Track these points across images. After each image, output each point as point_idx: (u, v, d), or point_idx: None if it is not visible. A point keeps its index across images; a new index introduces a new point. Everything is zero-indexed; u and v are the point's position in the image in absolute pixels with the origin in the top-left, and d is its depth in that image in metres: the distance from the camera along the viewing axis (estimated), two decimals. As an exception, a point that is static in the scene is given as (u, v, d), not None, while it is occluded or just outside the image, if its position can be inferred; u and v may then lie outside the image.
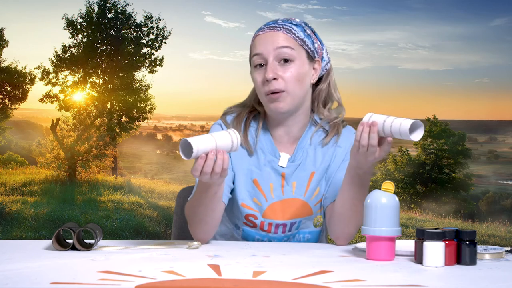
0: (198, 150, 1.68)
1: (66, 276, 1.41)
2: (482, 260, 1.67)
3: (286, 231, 2.01)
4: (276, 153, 2.00)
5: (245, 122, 2.03)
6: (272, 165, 2.00)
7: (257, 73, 1.95)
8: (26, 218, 11.80)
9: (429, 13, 27.19)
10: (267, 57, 1.92)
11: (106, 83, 17.49)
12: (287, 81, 1.91)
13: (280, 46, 1.92)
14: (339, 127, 2.03)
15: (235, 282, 1.38)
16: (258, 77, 1.94)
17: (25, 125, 21.11)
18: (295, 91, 1.93)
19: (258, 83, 1.94)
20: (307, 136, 2.02)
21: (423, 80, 31.11)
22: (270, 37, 1.94)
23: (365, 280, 1.42)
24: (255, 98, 2.04)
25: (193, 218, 1.90)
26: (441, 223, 13.90)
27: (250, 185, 1.99)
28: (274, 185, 1.99)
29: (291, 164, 2.00)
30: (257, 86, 1.95)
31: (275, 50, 1.92)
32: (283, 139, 2.02)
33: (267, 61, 1.92)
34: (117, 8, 17.49)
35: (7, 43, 17.01)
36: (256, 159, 2.00)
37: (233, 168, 2.00)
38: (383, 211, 1.65)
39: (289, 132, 2.01)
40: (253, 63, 1.96)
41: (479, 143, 24.53)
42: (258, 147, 2.01)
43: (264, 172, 1.99)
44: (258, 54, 1.94)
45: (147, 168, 22.13)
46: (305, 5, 27.39)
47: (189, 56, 30.05)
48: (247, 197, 1.99)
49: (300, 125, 2.01)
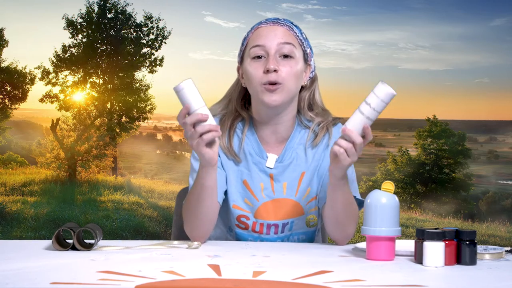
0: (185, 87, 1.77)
1: (66, 276, 1.41)
2: (482, 260, 1.67)
3: (279, 232, 2.01)
4: (263, 154, 2.00)
5: (229, 130, 2.02)
6: (259, 167, 2.00)
7: (255, 64, 1.93)
8: (26, 218, 11.80)
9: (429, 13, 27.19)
10: (269, 49, 1.92)
11: (106, 83, 17.49)
12: (285, 75, 1.92)
13: (283, 42, 1.93)
14: (329, 127, 2.03)
15: (235, 282, 1.38)
16: (256, 67, 1.93)
17: (25, 125, 21.10)
18: (291, 86, 1.93)
19: (256, 74, 1.92)
20: (295, 137, 2.02)
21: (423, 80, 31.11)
22: (273, 31, 1.95)
23: (365, 280, 1.42)
24: (238, 102, 2.03)
25: (186, 213, 1.92)
26: (441, 223, 13.90)
27: (241, 186, 2.00)
28: (265, 184, 1.99)
29: (279, 164, 2.00)
30: (252, 77, 1.93)
31: (278, 45, 1.93)
32: (270, 140, 2.01)
33: (269, 53, 1.92)
34: (117, 8, 17.49)
35: (7, 43, 17.01)
36: (244, 161, 2.00)
37: (224, 169, 2.01)
38: (383, 211, 1.65)
39: (276, 132, 2.00)
40: (251, 55, 1.94)
41: (479, 143, 24.52)
42: (246, 149, 2.01)
43: (253, 173, 1.99)
44: (260, 46, 1.93)
45: (147, 168, 22.13)
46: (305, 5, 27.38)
47: (189, 56, 30.03)
48: (238, 198, 2.00)
49: (287, 125, 2.01)
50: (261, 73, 1.92)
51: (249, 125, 2.02)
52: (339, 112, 2.10)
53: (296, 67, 1.94)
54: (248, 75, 1.95)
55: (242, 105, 2.05)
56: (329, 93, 23.18)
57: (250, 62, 1.95)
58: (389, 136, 28.75)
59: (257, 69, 1.93)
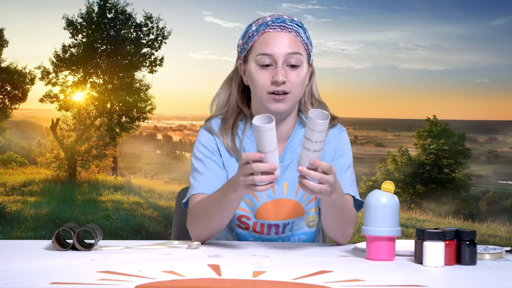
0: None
1: (66, 276, 1.41)
2: (482, 260, 1.67)
3: (280, 233, 2.01)
4: None
5: (232, 128, 2.02)
6: None
7: (262, 72, 1.92)
8: (26, 218, 11.80)
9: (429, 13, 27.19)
10: (277, 59, 1.91)
11: (106, 83, 17.49)
12: (293, 85, 1.91)
13: (292, 52, 1.91)
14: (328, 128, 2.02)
15: (235, 282, 1.38)
16: (264, 76, 1.92)
17: (25, 125, 21.10)
18: (298, 94, 1.94)
19: (263, 83, 1.92)
20: (295, 136, 2.02)
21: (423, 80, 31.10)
22: (281, 39, 1.92)
23: (365, 280, 1.42)
24: (239, 95, 2.03)
25: (197, 218, 1.89)
26: (441, 223, 13.90)
27: None
28: None
29: (280, 164, 1.99)
30: (259, 84, 1.92)
31: (286, 55, 1.91)
32: None
33: (277, 63, 1.91)
34: (117, 8, 17.49)
35: (7, 43, 17.01)
36: None
37: (225, 169, 2.00)
38: (383, 211, 1.65)
39: (278, 133, 2.00)
40: (258, 61, 1.93)
41: (479, 143, 24.51)
42: (247, 149, 2.00)
43: None
44: (267, 55, 1.91)
45: (147, 168, 22.13)
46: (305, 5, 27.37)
47: (189, 56, 30.03)
48: None
49: (289, 125, 2.01)
50: (268, 83, 1.91)
51: (250, 124, 2.02)
52: (339, 112, 2.10)
53: (302, 74, 1.94)
54: (254, 82, 1.94)
55: (242, 99, 2.04)
56: (329, 93, 23.15)
57: (256, 69, 1.93)
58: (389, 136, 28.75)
59: (265, 78, 1.91)
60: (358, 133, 27.55)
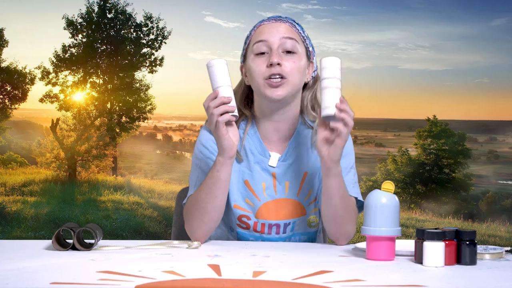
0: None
1: (66, 276, 1.41)
2: (482, 260, 1.67)
3: (280, 233, 2.00)
4: (266, 152, 2.00)
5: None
6: (261, 165, 1.99)
7: (258, 60, 1.93)
8: (26, 218, 11.81)
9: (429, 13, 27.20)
10: (272, 44, 1.92)
11: (106, 83, 17.50)
12: (289, 70, 1.91)
13: (286, 37, 1.93)
14: None
15: (235, 282, 1.38)
16: (259, 63, 1.92)
17: (25, 125, 21.11)
18: (295, 81, 1.93)
19: (259, 69, 1.92)
20: (298, 135, 2.01)
21: (423, 80, 31.13)
22: (276, 27, 1.95)
23: (365, 280, 1.42)
24: (241, 101, 2.03)
25: (191, 210, 1.90)
26: (441, 223, 13.90)
27: (242, 186, 1.99)
28: (266, 184, 1.99)
29: (282, 163, 1.99)
30: (256, 72, 1.93)
31: (280, 39, 1.93)
32: (273, 138, 2.01)
33: (272, 48, 1.92)
34: (117, 8, 17.50)
35: (7, 43, 17.04)
36: (246, 161, 1.99)
37: None
38: (383, 211, 1.65)
39: (279, 130, 1.99)
40: (254, 51, 1.94)
41: (479, 143, 24.54)
42: (247, 148, 2.00)
43: (254, 172, 1.99)
44: (263, 41, 1.93)
45: (147, 168, 22.15)
46: (305, 5, 27.38)
47: (189, 56, 30.05)
48: (239, 198, 1.99)
49: (290, 123, 2.00)
50: (264, 68, 1.91)
51: (252, 124, 2.02)
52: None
53: (300, 63, 1.94)
54: (251, 71, 1.95)
55: (245, 104, 2.04)
56: (329, 93, 23.05)
57: (253, 58, 1.95)
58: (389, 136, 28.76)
59: (260, 65, 1.92)
60: (358, 133, 27.57)
